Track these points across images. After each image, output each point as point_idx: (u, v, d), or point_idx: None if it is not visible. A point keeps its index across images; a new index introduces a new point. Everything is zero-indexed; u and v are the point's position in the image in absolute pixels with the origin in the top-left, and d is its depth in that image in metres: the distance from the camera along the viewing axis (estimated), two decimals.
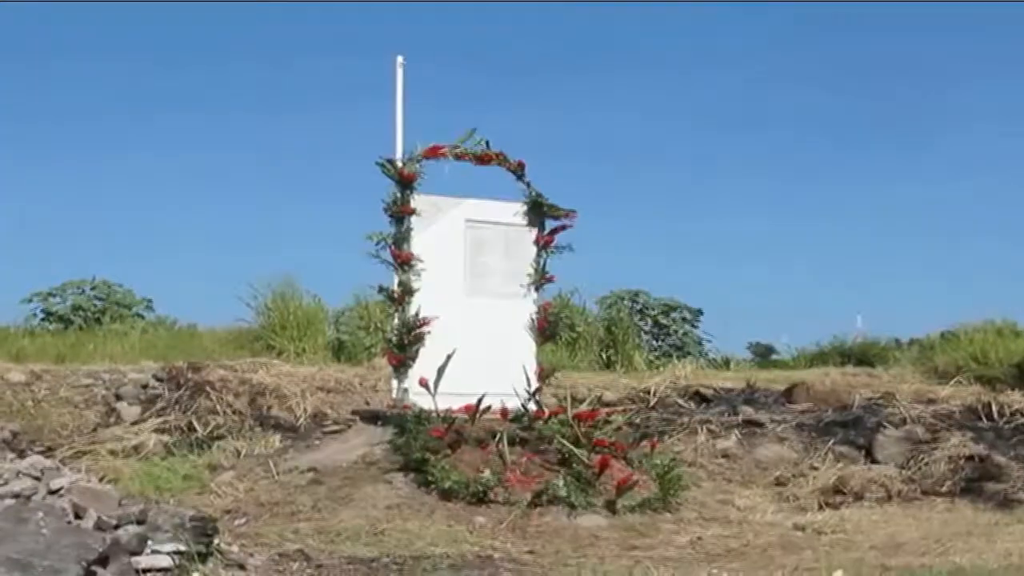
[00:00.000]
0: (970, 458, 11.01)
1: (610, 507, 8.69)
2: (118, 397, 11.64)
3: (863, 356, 17.65)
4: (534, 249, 10.42)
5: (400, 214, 9.96)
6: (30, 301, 18.77)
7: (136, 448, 10.31)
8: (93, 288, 19.07)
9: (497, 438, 9.16)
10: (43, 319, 18.54)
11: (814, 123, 31.80)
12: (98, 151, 30.63)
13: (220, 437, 10.61)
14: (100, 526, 6.31)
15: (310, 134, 30.87)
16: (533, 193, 10.39)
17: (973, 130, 31.40)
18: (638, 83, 31.89)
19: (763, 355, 21.99)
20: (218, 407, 11.23)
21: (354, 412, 10.99)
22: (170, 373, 12.06)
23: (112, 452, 10.20)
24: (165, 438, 10.57)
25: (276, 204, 29.73)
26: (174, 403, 11.40)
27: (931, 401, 12.63)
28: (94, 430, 10.92)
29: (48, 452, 9.67)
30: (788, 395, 13.08)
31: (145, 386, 11.87)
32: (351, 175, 28.45)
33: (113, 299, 18.82)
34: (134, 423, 11.06)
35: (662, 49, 32.16)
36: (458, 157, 10.18)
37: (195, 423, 10.91)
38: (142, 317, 18.76)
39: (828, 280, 29.70)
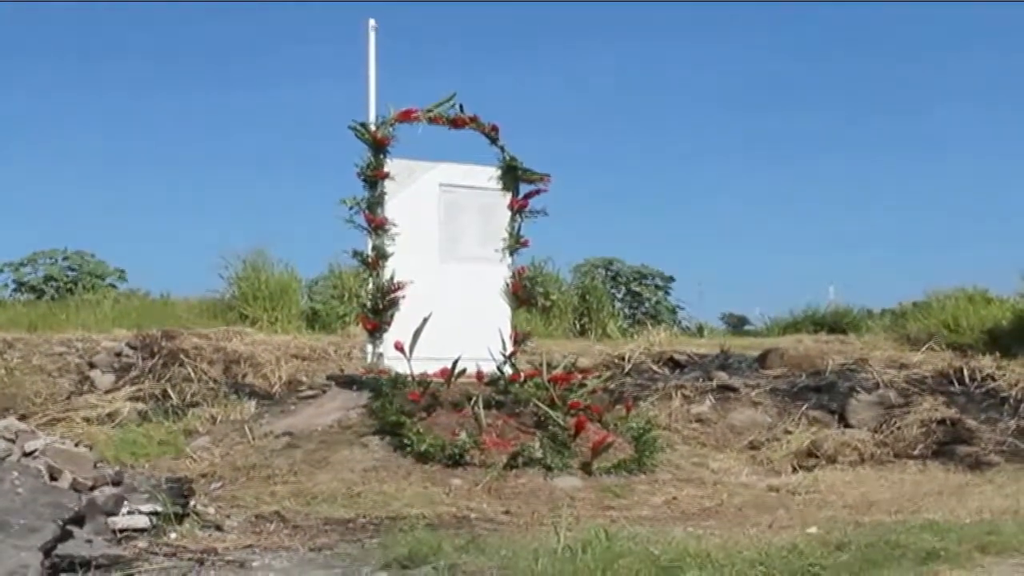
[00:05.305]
0: (942, 422, 11.10)
1: (586, 469, 8.71)
2: (92, 365, 11.61)
3: (836, 324, 17.77)
4: (508, 213, 10.36)
5: (374, 178, 9.89)
6: (1, 271, 18.68)
7: (111, 415, 10.30)
8: (65, 258, 18.96)
9: (473, 401, 9.16)
10: (14, 290, 18.46)
11: (788, 95, 31.88)
12: (71, 123, 30.44)
13: (195, 404, 10.59)
14: (76, 487, 6.31)
15: (282, 104, 30.72)
16: (507, 157, 10.34)
17: (951, 105, 31.58)
18: (614, 52, 31.86)
19: (736, 326, 22.09)
20: (192, 375, 11.23)
21: (329, 377, 10.97)
22: (144, 341, 12.03)
23: (86, 419, 10.19)
24: (140, 405, 10.56)
25: (249, 175, 29.59)
26: (148, 371, 11.38)
27: (903, 367, 12.72)
28: (68, 398, 10.89)
29: (22, 420, 9.60)
30: (762, 361, 13.14)
31: (119, 354, 11.83)
32: (325, 146, 28.30)
33: (86, 269, 18.73)
34: (108, 391, 11.05)
35: (640, 19, 32.11)
36: (432, 121, 10.11)
37: (169, 391, 10.90)
38: (115, 287, 18.68)
39: (800, 251, 29.82)
